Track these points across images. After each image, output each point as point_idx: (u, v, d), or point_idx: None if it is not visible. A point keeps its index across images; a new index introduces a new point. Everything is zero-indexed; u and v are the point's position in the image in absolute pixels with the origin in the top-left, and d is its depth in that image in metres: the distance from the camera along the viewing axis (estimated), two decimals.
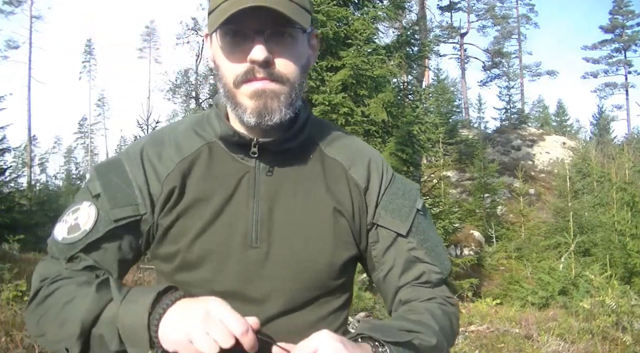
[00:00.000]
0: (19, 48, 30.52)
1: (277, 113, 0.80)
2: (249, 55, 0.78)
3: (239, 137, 0.84)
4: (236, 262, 0.82)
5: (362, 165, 0.92)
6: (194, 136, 0.89)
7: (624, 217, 8.24)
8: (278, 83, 0.80)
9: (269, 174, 0.86)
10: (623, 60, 36.58)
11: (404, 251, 0.89)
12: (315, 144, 0.91)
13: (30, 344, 4.17)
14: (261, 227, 0.83)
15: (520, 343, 4.82)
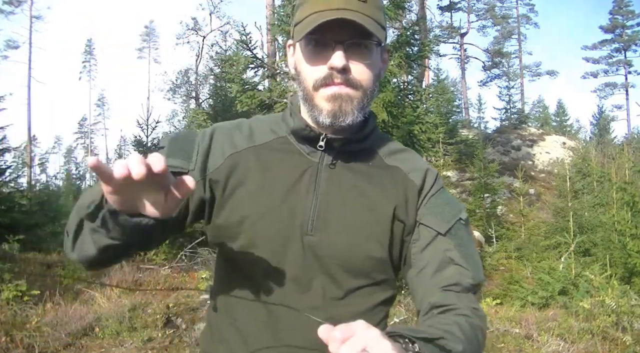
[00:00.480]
0: (19, 48, 30.53)
1: (350, 115, 0.88)
2: (328, 62, 0.86)
3: (309, 131, 0.92)
4: (295, 247, 0.89)
5: (420, 171, 0.99)
6: (268, 130, 0.99)
7: (624, 217, 8.23)
8: (353, 88, 0.88)
9: (331, 166, 0.93)
10: (623, 60, 36.59)
11: (440, 250, 0.93)
12: (376, 152, 0.99)
13: (30, 344, 4.17)
14: (317, 218, 0.90)
15: (520, 343, 4.82)
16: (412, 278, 0.95)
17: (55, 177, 34.13)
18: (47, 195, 13.75)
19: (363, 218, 0.91)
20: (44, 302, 5.25)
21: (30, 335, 4.27)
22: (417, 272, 0.94)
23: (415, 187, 0.96)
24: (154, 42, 43.83)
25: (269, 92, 8.72)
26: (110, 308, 5.12)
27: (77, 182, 22.34)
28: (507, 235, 13.16)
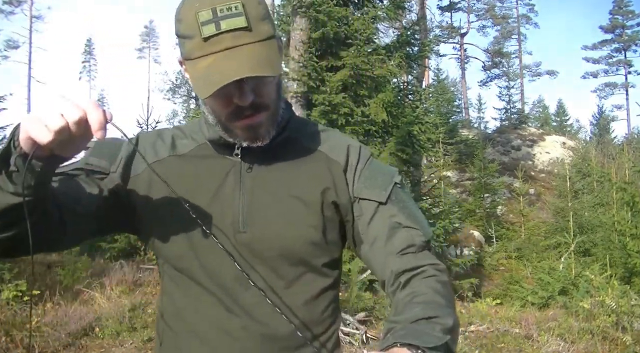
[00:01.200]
0: (19, 48, 30.54)
1: (267, 136, 0.91)
2: (235, 100, 0.85)
3: (224, 141, 0.93)
4: (228, 246, 0.90)
5: (342, 149, 0.99)
6: (189, 138, 1.00)
7: (624, 217, 8.24)
8: (263, 111, 0.88)
9: (248, 170, 0.94)
10: (623, 60, 36.59)
11: (386, 218, 0.94)
12: (297, 140, 0.99)
13: (30, 344, 4.17)
14: (247, 214, 0.92)
15: (520, 343, 4.82)
16: (367, 253, 0.96)
17: None
18: None
19: (292, 207, 0.92)
20: (44, 302, 5.25)
21: (30, 335, 4.27)
22: (370, 246, 0.95)
23: (339, 166, 0.97)
24: (154, 42, 43.86)
25: None
26: (110, 308, 5.13)
27: None
28: (507, 235, 13.17)
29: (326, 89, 7.40)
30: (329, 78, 7.52)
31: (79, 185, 0.90)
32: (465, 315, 5.79)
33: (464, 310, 6.15)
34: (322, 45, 7.92)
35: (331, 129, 1.07)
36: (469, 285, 8.79)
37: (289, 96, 7.50)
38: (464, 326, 5.35)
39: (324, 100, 7.24)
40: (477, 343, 4.88)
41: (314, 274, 0.95)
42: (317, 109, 7.30)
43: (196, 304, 0.92)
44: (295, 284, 0.93)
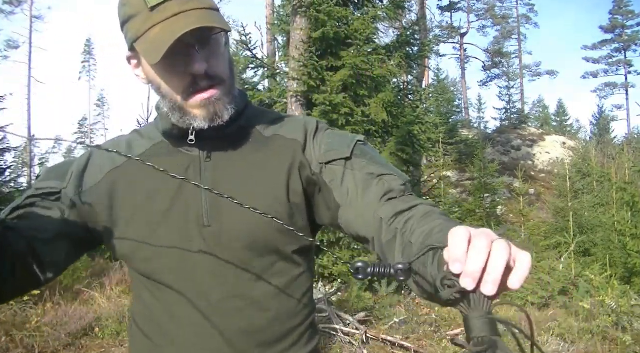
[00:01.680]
0: (19, 48, 30.54)
1: (225, 113, 0.88)
2: (189, 69, 0.84)
3: (178, 130, 0.91)
4: (197, 242, 0.89)
5: (298, 127, 0.97)
6: (145, 139, 0.98)
7: (624, 217, 8.23)
8: (218, 85, 0.87)
9: (207, 160, 0.92)
10: (623, 60, 36.60)
11: (357, 172, 0.90)
12: (252, 128, 0.97)
13: (30, 344, 4.18)
14: (211, 208, 0.90)
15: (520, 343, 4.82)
16: (346, 213, 0.89)
17: None
18: None
19: (256, 195, 0.90)
20: (44, 302, 5.25)
21: (30, 335, 4.27)
22: (348, 204, 0.89)
23: (298, 144, 0.95)
24: None
25: (269, 92, 8.72)
26: (110, 308, 5.13)
27: None
28: (507, 235, 13.15)
29: (326, 88, 7.39)
30: (329, 78, 7.52)
31: (36, 213, 0.88)
32: None
33: None
34: (322, 45, 7.91)
35: (288, 115, 1.05)
36: None
37: (289, 96, 7.50)
38: None
39: (324, 100, 7.24)
40: None
41: (285, 263, 0.93)
42: (317, 108, 7.30)
43: (166, 306, 0.91)
44: (267, 274, 0.91)
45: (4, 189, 9.45)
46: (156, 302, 0.92)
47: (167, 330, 0.91)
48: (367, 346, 4.61)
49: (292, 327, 0.94)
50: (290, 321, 0.93)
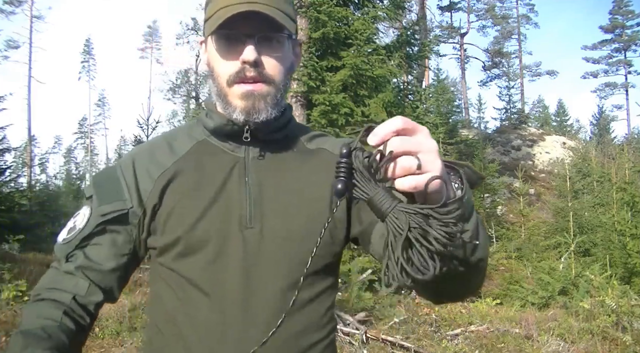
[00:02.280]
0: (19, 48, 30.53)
1: (264, 112, 0.88)
2: (240, 56, 0.86)
3: (232, 125, 0.91)
4: (235, 243, 0.88)
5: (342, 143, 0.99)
6: (186, 138, 0.98)
7: (624, 217, 8.23)
8: (265, 84, 0.88)
9: (260, 158, 0.93)
10: (623, 60, 36.58)
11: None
12: (297, 139, 1.00)
13: None
14: (254, 209, 0.89)
15: (520, 343, 4.82)
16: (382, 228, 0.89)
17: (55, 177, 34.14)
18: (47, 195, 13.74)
19: (299, 203, 0.91)
20: None
21: None
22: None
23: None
24: (157, 42, 43.84)
25: None
26: (110, 308, 5.12)
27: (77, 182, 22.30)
28: (507, 235, 13.14)
29: (326, 88, 7.40)
30: (329, 78, 7.52)
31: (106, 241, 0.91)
32: (465, 315, 5.79)
33: (464, 310, 6.15)
34: (322, 45, 7.91)
35: (328, 134, 1.08)
36: None
37: (289, 96, 7.50)
38: (464, 326, 5.35)
39: (324, 100, 7.24)
40: (477, 343, 4.88)
41: (317, 275, 0.92)
42: (317, 108, 7.30)
43: (188, 308, 0.88)
44: (298, 285, 0.88)
45: (4, 189, 9.45)
46: (178, 304, 0.90)
47: (184, 334, 0.88)
48: (367, 346, 4.61)
49: (316, 341, 0.91)
50: (314, 335, 0.91)
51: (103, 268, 0.90)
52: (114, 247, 0.91)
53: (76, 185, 20.52)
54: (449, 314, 5.74)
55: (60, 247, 0.92)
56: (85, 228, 0.89)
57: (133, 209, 0.91)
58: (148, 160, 0.95)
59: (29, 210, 10.94)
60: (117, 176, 0.94)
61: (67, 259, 0.91)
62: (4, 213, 8.62)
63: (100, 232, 0.90)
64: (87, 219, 0.90)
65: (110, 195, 0.92)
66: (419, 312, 5.71)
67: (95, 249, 0.90)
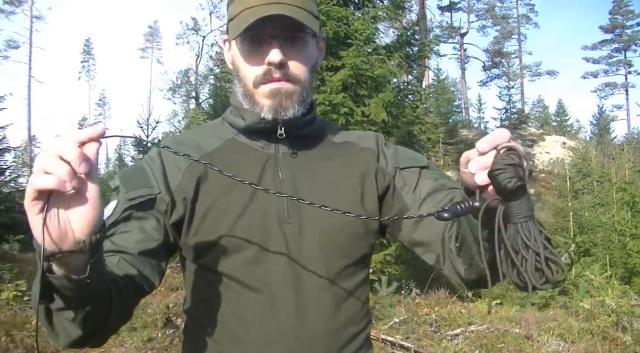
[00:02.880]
0: (19, 48, 30.54)
1: (291, 109, 0.90)
2: (266, 58, 0.87)
3: (265, 122, 0.92)
4: (277, 239, 0.88)
5: (370, 137, 1.04)
6: (213, 137, 0.98)
7: (624, 217, 8.23)
8: (292, 83, 0.89)
9: (293, 155, 0.95)
10: (623, 60, 36.61)
11: (430, 181, 0.97)
12: (323, 134, 1.02)
13: (30, 344, 4.17)
14: (291, 204, 0.90)
15: (520, 343, 4.82)
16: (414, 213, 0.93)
17: None
18: None
19: (334, 196, 0.92)
20: None
21: (30, 335, 4.27)
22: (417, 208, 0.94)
23: (372, 152, 1.00)
24: (157, 42, 43.87)
25: None
26: None
27: None
28: None
29: (326, 88, 7.39)
30: (329, 78, 7.52)
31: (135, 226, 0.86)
32: (465, 315, 5.79)
33: (464, 310, 6.15)
34: None
35: (350, 129, 1.10)
36: None
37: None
38: (464, 326, 5.35)
39: (324, 100, 7.23)
40: (477, 343, 4.88)
41: (354, 267, 0.93)
42: (318, 108, 7.25)
43: (235, 307, 0.88)
44: (339, 278, 0.91)
45: (4, 189, 9.45)
46: (225, 303, 0.89)
47: (238, 333, 0.88)
48: None
49: (355, 333, 0.93)
50: (355, 327, 0.93)
51: (132, 252, 0.83)
52: (142, 233, 0.86)
53: None
54: (449, 314, 5.74)
55: None
56: (112, 215, 0.86)
57: (161, 195, 0.89)
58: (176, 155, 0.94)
59: None
60: (142, 167, 0.93)
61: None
62: (4, 213, 8.62)
63: (126, 218, 0.86)
64: (114, 207, 0.87)
65: (137, 183, 0.90)
66: (419, 312, 5.71)
67: (122, 236, 0.84)
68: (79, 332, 0.69)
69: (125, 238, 0.84)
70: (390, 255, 6.94)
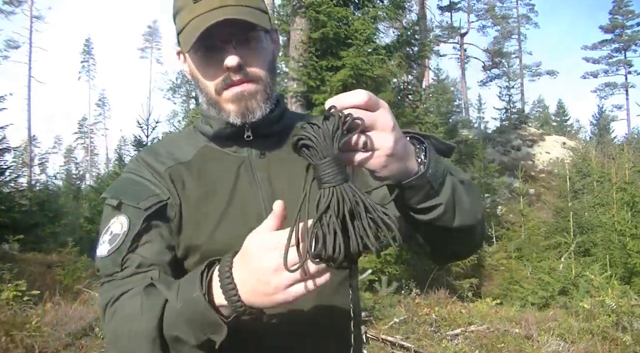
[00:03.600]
0: (19, 48, 30.54)
1: (258, 110, 0.90)
2: (223, 63, 0.86)
3: (231, 127, 0.92)
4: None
5: None
6: (185, 146, 0.98)
7: (624, 217, 8.23)
8: (253, 83, 0.89)
9: (262, 156, 0.95)
10: (623, 60, 36.60)
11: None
12: (295, 128, 1.00)
13: (30, 344, 4.17)
14: (269, 205, 0.89)
15: (520, 343, 4.82)
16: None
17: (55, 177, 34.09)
18: (47, 195, 13.71)
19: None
20: (44, 302, 5.25)
21: (30, 335, 4.26)
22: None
23: None
24: (157, 42, 43.87)
25: None
26: None
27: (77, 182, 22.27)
28: (507, 235, 13.13)
29: (326, 88, 7.39)
30: (329, 78, 7.52)
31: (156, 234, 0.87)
32: (465, 315, 5.79)
33: (464, 310, 6.15)
34: (322, 45, 7.91)
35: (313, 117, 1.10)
36: (469, 285, 8.79)
37: (289, 96, 7.50)
38: (464, 326, 5.35)
39: (324, 100, 7.23)
40: (477, 343, 4.88)
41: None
42: (317, 108, 7.30)
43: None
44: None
45: (4, 189, 9.44)
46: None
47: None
48: (367, 346, 4.61)
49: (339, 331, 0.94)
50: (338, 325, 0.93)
51: (163, 262, 0.84)
52: (164, 241, 0.86)
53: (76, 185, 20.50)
54: (449, 314, 5.74)
55: (107, 260, 0.84)
56: (131, 229, 0.84)
57: (170, 200, 0.89)
58: (153, 160, 0.95)
59: (29, 210, 10.93)
60: (132, 179, 0.92)
61: (122, 267, 0.83)
62: (4, 213, 8.61)
63: (146, 228, 0.85)
64: (129, 221, 0.85)
65: (142, 194, 0.89)
66: (419, 312, 5.71)
67: (148, 247, 0.84)
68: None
69: (151, 249, 0.84)
70: (391, 255, 6.95)
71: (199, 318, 0.68)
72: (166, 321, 0.71)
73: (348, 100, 0.61)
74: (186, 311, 0.69)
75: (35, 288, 5.48)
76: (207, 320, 0.68)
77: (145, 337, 0.73)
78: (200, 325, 0.68)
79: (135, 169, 0.94)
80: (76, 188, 19.77)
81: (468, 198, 0.79)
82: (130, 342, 0.76)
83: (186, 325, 0.69)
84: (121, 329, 0.78)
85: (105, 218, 0.90)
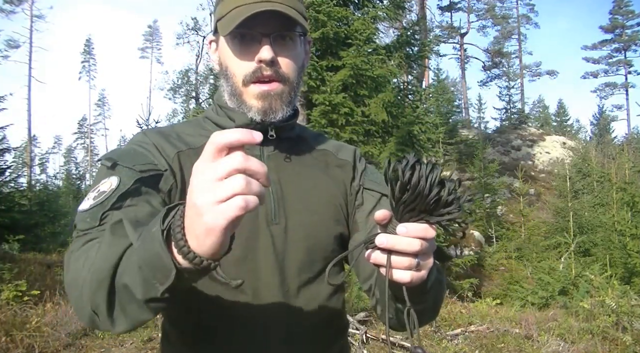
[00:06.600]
0: (20, 48, 30.54)
1: (280, 112, 0.90)
2: (257, 56, 0.86)
3: (255, 124, 0.91)
4: (264, 238, 0.88)
5: (348, 150, 1.05)
6: (197, 134, 0.95)
7: (624, 217, 8.24)
8: (281, 82, 0.89)
9: (287, 160, 0.95)
10: (623, 60, 36.59)
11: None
12: (305, 139, 1.03)
13: (30, 344, 4.18)
14: (278, 206, 0.90)
15: (520, 343, 4.82)
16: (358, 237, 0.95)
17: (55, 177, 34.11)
18: (47, 195, 13.72)
19: (319, 200, 0.94)
20: (44, 302, 5.25)
21: (30, 335, 4.27)
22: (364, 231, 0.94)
23: (349, 164, 1.02)
24: (157, 42, 43.87)
25: None
26: None
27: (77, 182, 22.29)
28: (507, 235, 13.14)
29: (326, 88, 7.39)
30: (329, 78, 7.52)
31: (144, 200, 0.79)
32: (465, 315, 5.79)
33: (464, 310, 6.15)
34: (322, 45, 7.91)
35: (323, 134, 1.13)
36: (469, 285, 8.79)
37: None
38: (464, 326, 5.35)
39: (324, 100, 7.23)
40: (477, 343, 4.88)
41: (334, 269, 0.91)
42: (317, 108, 7.30)
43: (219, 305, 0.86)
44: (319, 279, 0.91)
45: (4, 189, 9.44)
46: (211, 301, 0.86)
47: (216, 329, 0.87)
48: (367, 346, 4.61)
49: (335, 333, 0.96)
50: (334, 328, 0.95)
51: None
52: (151, 209, 0.78)
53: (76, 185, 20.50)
54: (449, 314, 5.74)
55: (87, 214, 0.76)
56: (119, 187, 0.77)
57: (167, 173, 0.85)
58: (163, 140, 0.90)
59: (29, 210, 10.93)
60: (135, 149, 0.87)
61: (101, 222, 0.74)
62: (4, 213, 8.62)
63: (136, 191, 0.78)
64: (119, 181, 0.78)
65: (140, 159, 0.84)
66: None
67: (132, 210, 0.76)
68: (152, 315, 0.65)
69: (136, 214, 0.75)
70: None
71: (150, 258, 0.57)
72: (121, 265, 0.62)
73: (413, 231, 0.64)
74: (141, 249, 0.59)
75: (35, 288, 5.48)
76: (159, 260, 0.57)
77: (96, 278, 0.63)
78: (151, 267, 0.58)
79: (141, 141, 0.90)
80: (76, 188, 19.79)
81: (440, 299, 0.83)
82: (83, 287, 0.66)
83: (137, 267, 0.59)
84: (78, 273, 0.68)
85: (97, 178, 0.84)
